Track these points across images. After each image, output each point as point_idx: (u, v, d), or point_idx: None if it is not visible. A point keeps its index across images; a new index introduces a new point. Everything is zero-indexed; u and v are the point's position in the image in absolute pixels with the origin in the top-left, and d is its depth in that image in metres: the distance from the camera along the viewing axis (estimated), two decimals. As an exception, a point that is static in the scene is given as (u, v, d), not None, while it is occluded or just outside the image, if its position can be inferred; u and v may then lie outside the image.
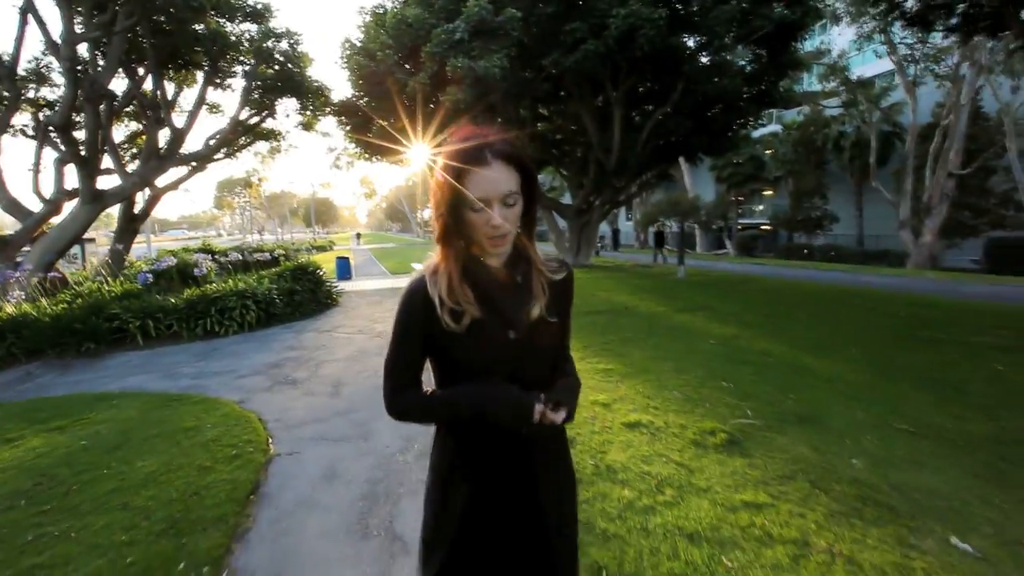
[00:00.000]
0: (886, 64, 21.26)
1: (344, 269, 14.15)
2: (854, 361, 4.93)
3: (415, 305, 0.97)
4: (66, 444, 3.35)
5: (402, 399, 1.02)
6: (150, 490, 2.71)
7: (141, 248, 19.87)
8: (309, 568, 2.13)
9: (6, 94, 8.85)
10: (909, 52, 18.23)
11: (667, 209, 28.47)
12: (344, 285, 11.86)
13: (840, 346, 5.50)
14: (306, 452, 3.23)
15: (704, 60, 11.93)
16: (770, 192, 31.56)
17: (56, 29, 8.33)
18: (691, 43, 11.09)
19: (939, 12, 6.07)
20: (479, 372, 0.97)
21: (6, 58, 8.56)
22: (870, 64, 23.65)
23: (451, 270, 0.95)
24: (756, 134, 28.64)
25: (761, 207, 32.10)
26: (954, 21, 6.04)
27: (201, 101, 11.45)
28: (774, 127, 29.85)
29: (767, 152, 28.80)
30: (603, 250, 30.32)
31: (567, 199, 17.51)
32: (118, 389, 4.62)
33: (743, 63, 12.21)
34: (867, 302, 8.58)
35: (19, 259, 8.74)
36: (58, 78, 10.65)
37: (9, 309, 6.34)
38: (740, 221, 32.40)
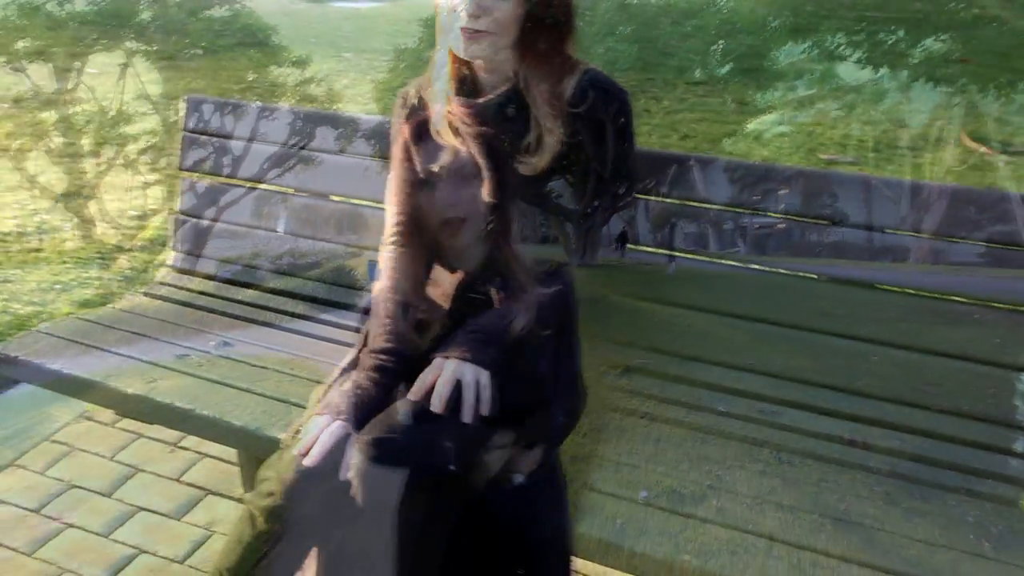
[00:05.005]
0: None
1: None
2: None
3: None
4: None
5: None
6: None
7: None
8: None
9: None
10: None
11: (677, 211, 29.70)
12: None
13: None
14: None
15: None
16: (785, 190, 32.17)
17: None
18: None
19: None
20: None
21: None
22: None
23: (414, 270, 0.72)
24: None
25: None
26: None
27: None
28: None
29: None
30: (616, 251, 31.70)
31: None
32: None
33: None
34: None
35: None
36: None
37: None
38: (756, 220, 33.09)
